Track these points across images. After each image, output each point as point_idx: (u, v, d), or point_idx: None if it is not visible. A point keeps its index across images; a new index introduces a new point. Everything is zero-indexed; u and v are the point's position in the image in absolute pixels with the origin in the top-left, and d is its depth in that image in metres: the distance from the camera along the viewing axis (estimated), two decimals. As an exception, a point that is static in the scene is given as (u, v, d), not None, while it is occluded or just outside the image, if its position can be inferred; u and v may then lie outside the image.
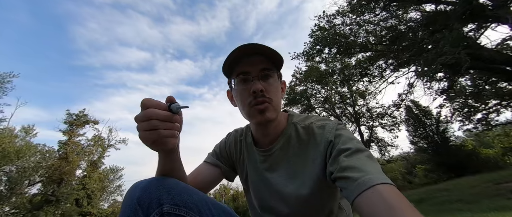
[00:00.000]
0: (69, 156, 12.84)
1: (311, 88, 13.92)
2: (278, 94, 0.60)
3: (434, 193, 7.04)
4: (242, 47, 0.54)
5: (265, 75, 0.57)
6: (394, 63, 7.85)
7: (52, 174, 12.06)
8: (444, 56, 4.47)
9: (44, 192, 11.75)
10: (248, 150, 0.67)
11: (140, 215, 0.40)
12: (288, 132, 0.60)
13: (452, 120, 9.25)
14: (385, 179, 0.39)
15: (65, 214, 11.52)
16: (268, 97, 0.56)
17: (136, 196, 0.42)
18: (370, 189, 0.37)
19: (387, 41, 7.64)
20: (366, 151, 0.48)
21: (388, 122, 12.66)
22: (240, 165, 0.69)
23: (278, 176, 0.59)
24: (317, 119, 0.61)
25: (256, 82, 0.55)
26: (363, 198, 0.38)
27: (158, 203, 0.42)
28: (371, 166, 0.42)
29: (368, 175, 0.40)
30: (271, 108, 0.56)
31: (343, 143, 0.50)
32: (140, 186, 0.44)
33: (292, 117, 0.64)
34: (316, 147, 0.54)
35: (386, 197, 0.36)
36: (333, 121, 0.58)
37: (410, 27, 6.86)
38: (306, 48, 8.90)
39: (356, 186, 0.39)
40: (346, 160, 0.45)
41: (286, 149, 0.59)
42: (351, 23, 8.17)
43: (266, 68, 0.57)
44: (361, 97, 13.33)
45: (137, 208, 0.41)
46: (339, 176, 0.44)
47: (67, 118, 14.00)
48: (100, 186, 13.93)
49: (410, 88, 7.56)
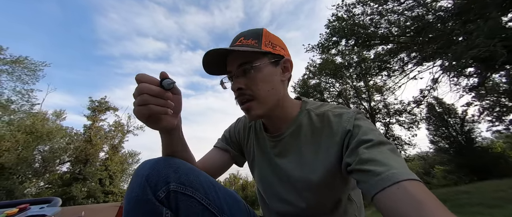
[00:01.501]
0: (93, 139, 13.88)
1: (325, 82, 13.52)
2: (268, 83, 0.54)
3: (453, 195, 6.68)
4: (211, 52, 0.51)
5: (243, 71, 0.53)
6: (418, 56, 7.30)
7: (79, 155, 13.19)
8: (476, 48, 4.06)
9: (72, 170, 12.94)
10: (258, 135, 0.66)
11: (148, 192, 0.41)
12: (299, 119, 0.58)
13: (480, 120, 8.54)
14: (412, 175, 0.36)
15: (90, 191, 12.67)
16: (249, 93, 0.53)
17: (145, 174, 0.43)
18: (395, 185, 0.35)
19: (411, 32, 7.08)
20: (389, 144, 0.44)
21: (407, 119, 12.02)
22: (248, 150, 0.69)
23: (287, 162, 0.58)
24: (334, 107, 0.57)
25: (235, 81, 0.54)
26: (387, 194, 0.35)
27: (165, 181, 0.43)
28: (396, 161, 0.40)
29: (391, 170, 0.37)
30: (255, 105, 0.53)
31: (363, 134, 0.46)
32: (148, 164, 0.45)
33: (305, 104, 0.61)
34: (331, 136, 0.52)
35: (414, 193, 0.33)
36: (352, 109, 0.55)
37: (439, 17, 6.27)
38: (321, 40, 8.55)
39: (378, 181, 0.37)
40: (366, 152, 0.42)
41: (297, 136, 0.57)
42: (372, 12, 7.65)
43: (242, 62, 0.53)
44: (378, 92, 12.69)
45: (145, 185, 0.42)
46: (358, 169, 0.42)
47: (90, 105, 15.03)
48: (120, 168, 15.00)
49: (434, 84, 7.04)
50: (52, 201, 0.67)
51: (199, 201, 0.46)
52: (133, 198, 0.41)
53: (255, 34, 0.56)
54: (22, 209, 0.58)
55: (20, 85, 10.26)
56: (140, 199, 0.41)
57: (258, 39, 0.55)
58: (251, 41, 0.54)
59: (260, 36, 0.56)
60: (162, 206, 0.42)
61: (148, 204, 0.41)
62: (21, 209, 0.58)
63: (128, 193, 0.43)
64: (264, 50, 0.54)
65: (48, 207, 0.64)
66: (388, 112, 12.50)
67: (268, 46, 0.55)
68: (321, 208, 0.56)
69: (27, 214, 0.57)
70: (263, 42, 0.55)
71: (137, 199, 0.41)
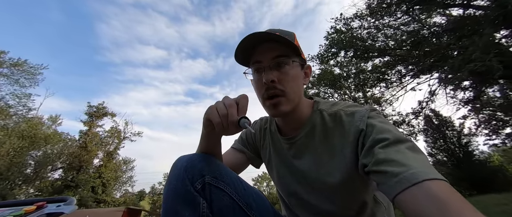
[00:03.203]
0: (88, 145, 13.59)
1: (323, 92, 13.68)
2: (296, 82, 0.54)
3: (454, 209, 6.57)
4: (252, 35, 0.51)
5: (277, 64, 0.53)
6: (415, 69, 7.49)
7: (72, 161, 12.85)
8: (473, 63, 4.20)
9: (64, 177, 12.53)
10: (273, 138, 0.66)
11: (187, 183, 0.43)
12: (312, 120, 0.57)
13: (477, 133, 8.63)
14: (435, 174, 0.34)
15: (82, 199, 12.19)
16: (280, 88, 0.52)
17: (184, 166, 0.45)
18: (416, 186, 0.33)
19: (408, 46, 7.32)
20: (408, 141, 0.42)
21: (405, 131, 12.09)
22: (264, 153, 0.69)
23: (303, 163, 0.57)
24: (346, 105, 0.56)
25: (267, 72, 0.52)
26: (408, 196, 0.33)
27: (201, 174, 0.45)
28: (415, 159, 0.37)
29: (411, 169, 0.35)
30: (284, 101, 0.52)
31: (378, 133, 0.44)
32: (185, 158, 0.47)
33: (318, 104, 0.60)
34: (344, 136, 0.50)
35: (437, 193, 0.31)
36: (365, 107, 0.53)
37: (434, 32, 6.52)
38: (321, 51, 8.78)
39: (396, 182, 0.35)
40: (382, 152, 0.40)
41: (311, 137, 0.56)
42: (369, 26, 7.94)
43: (280, 55, 0.53)
44: (376, 103, 12.87)
45: (184, 176, 0.44)
46: (375, 170, 0.40)
47: (88, 110, 14.86)
48: (114, 175, 14.59)
49: (431, 96, 7.17)
50: (68, 200, 0.66)
51: (229, 195, 0.47)
52: (171, 189, 0.43)
53: (289, 33, 0.56)
54: (39, 207, 0.57)
55: (18, 88, 10.18)
56: (180, 189, 0.42)
57: (292, 39, 0.55)
58: (287, 37, 0.53)
59: (293, 37, 0.56)
60: (199, 196, 0.43)
61: (187, 194, 0.42)
62: (39, 206, 0.57)
63: (168, 183, 0.44)
64: (299, 50, 0.55)
65: (64, 205, 0.63)
66: (386, 123, 12.61)
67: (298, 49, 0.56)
68: (344, 210, 0.55)
69: (44, 211, 0.56)
70: (296, 43, 0.55)
71: (176, 189, 0.43)
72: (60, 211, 0.58)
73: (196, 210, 0.42)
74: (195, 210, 0.42)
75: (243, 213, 0.48)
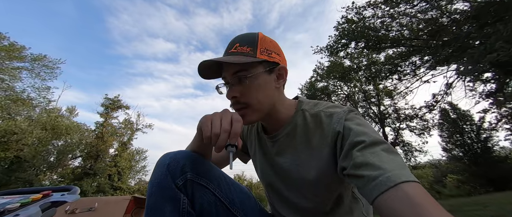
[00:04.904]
0: (104, 136, 14.36)
1: (333, 85, 13.34)
2: (262, 92, 0.53)
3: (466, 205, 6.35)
4: (202, 63, 0.52)
5: (238, 79, 0.53)
6: (431, 60, 7.07)
7: (90, 150, 13.68)
8: (496, 53, 3.89)
9: (83, 165, 13.43)
10: (259, 135, 0.68)
11: (169, 179, 0.46)
12: (294, 120, 0.58)
13: (497, 127, 8.12)
14: (409, 176, 0.35)
15: (100, 186, 13.10)
16: (244, 101, 0.53)
17: (167, 163, 0.47)
18: (392, 189, 0.34)
19: (424, 36, 6.88)
20: (384, 143, 0.43)
21: (418, 125, 11.62)
22: (251, 149, 0.72)
23: (285, 160, 0.59)
24: (327, 106, 0.56)
25: (230, 88, 0.54)
26: (384, 199, 0.34)
27: (183, 171, 0.47)
28: (390, 162, 0.38)
29: (387, 173, 0.36)
30: (249, 113, 0.53)
31: (355, 135, 0.45)
32: (169, 155, 0.50)
33: (301, 104, 0.60)
34: (322, 137, 0.51)
35: (412, 196, 0.32)
36: (343, 108, 0.53)
37: (454, 20, 6.06)
38: (330, 42, 8.46)
39: (374, 186, 0.36)
40: (359, 156, 0.41)
41: (292, 136, 0.57)
42: (383, 15, 7.50)
43: (238, 70, 0.52)
44: (388, 96, 12.38)
45: (166, 173, 0.46)
46: (353, 174, 0.41)
47: (104, 102, 15.58)
48: (128, 165, 15.41)
49: (448, 89, 6.78)
50: (72, 189, 0.71)
51: (212, 191, 0.50)
52: (155, 184, 0.46)
53: (251, 40, 0.54)
54: (45, 195, 0.62)
55: (38, 81, 10.82)
56: (162, 185, 0.45)
57: (253, 46, 0.53)
58: (246, 48, 0.53)
59: (256, 43, 0.54)
60: (180, 192, 0.46)
61: (168, 190, 0.45)
62: (45, 195, 0.62)
63: (151, 180, 0.47)
64: (259, 59, 0.52)
65: (68, 194, 0.68)
66: (398, 117, 12.15)
67: (263, 54, 0.53)
68: (321, 206, 0.57)
69: (50, 199, 0.61)
70: (259, 50, 0.53)
71: (159, 185, 0.45)
72: (64, 199, 0.63)
73: (176, 206, 0.45)
74: (176, 205, 0.45)
75: (226, 208, 0.51)
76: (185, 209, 0.46)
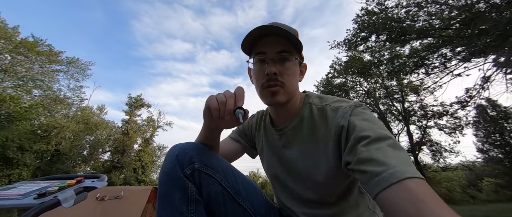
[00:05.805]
0: (129, 132, 15.47)
1: (351, 81, 12.74)
2: (294, 78, 0.58)
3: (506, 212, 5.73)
4: (262, 27, 0.54)
5: (281, 58, 0.56)
6: (465, 51, 6.38)
7: (117, 146, 14.87)
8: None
9: (112, 159, 14.66)
10: (266, 129, 0.70)
11: (177, 168, 0.48)
12: (302, 112, 0.59)
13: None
14: (413, 173, 0.35)
15: (126, 178, 14.22)
16: (281, 80, 0.55)
17: (176, 154, 0.50)
18: (395, 185, 0.34)
19: (457, 24, 6.22)
20: (389, 138, 0.42)
21: (449, 123, 10.63)
22: (258, 143, 0.73)
23: (291, 152, 0.60)
24: (334, 100, 0.57)
25: (271, 65, 0.55)
26: (387, 195, 0.34)
27: (191, 161, 0.50)
28: (395, 157, 0.38)
29: (391, 169, 0.35)
30: (282, 92, 0.55)
31: (360, 130, 0.45)
32: (178, 146, 0.53)
33: (309, 97, 0.62)
34: (328, 131, 0.52)
35: (415, 192, 0.32)
36: (350, 103, 0.53)
37: (493, 5, 5.39)
38: (348, 36, 8.05)
39: (377, 182, 0.36)
40: (364, 151, 0.41)
41: (299, 129, 0.59)
42: (408, 4, 6.92)
43: (284, 50, 0.56)
44: (413, 92, 11.49)
45: (175, 163, 0.49)
46: (357, 169, 0.41)
47: (128, 101, 16.77)
48: (151, 160, 16.46)
49: (485, 83, 6.08)
50: (100, 177, 0.78)
51: (218, 181, 0.52)
52: (165, 173, 0.49)
53: (293, 30, 0.59)
54: (78, 181, 0.70)
55: (72, 82, 12.00)
56: (171, 174, 0.48)
57: (296, 35, 0.57)
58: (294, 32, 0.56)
59: (297, 35, 0.58)
60: (188, 181, 0.49)
61: (177, 178, 0.48)
62: (78, 181, 0.70)
63: (162, 169, 0.50)
64: (301, 47, 0.57)
65: (97, 181, 0.75)
66: (425, 114, 11.22)
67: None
68: (325, 198, 0.58)
69: (82, 185, 0.69)
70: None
71: (168, 174, 0.48)
72: (94, 185, 0.70)
73: (185, 193, 0.47)
74: (185, 193, 0.47)
75: (232, 198, 0.53)
76: (193, 197, 0.48)
